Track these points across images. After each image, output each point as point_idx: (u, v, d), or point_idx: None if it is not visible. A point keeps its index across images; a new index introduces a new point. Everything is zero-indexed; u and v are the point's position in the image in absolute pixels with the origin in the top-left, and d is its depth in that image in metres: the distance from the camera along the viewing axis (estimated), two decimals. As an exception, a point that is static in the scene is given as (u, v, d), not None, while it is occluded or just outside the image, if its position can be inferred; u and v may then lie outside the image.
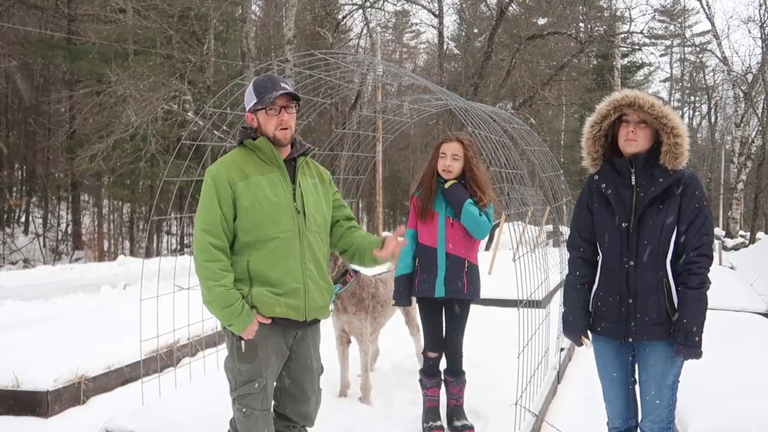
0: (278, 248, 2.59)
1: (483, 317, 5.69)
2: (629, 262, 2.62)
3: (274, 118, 2.62)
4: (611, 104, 2.63)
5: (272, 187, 2.61)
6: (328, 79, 5.26)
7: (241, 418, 2.61)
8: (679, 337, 2.52)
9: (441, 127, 20.84)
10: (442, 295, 3.54)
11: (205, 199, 2.57)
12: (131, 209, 22.33)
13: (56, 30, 20.87)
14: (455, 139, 3.57)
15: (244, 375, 2.59)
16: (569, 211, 8.32)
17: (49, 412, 4.37)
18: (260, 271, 2.57)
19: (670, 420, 2.68)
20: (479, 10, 25.82)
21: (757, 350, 4.83)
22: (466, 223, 3.49)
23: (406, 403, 4.14)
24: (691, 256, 2.54)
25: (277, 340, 2.64)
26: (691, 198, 2.55)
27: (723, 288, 8.32)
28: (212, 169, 2.62)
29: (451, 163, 3.54)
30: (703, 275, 2.54)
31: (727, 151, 27.81)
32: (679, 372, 2.67)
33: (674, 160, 2.55)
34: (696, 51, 30.05)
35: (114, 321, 6.09)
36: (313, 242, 2.71)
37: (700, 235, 2.54)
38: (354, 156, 7.64)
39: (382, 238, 2.82)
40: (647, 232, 2.58)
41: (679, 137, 2.53)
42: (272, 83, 2.62)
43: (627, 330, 2.63)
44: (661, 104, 2.56)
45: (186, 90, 16.20)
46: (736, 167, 20.79)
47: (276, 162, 2.66)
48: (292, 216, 2.64)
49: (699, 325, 2.52)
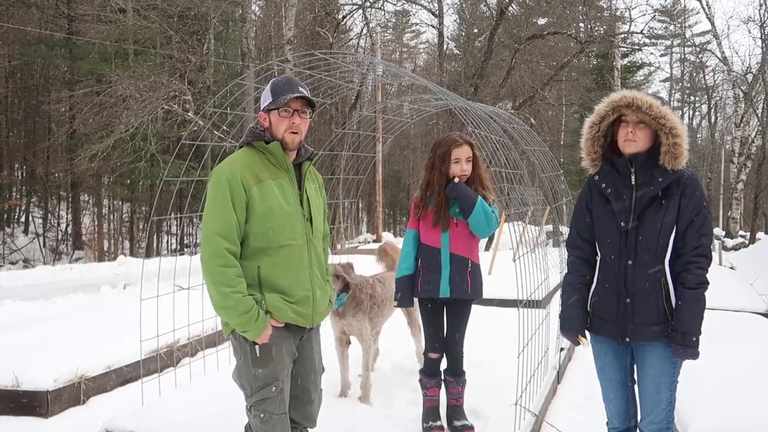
0: (290, 256, 2.58)
1: (483, 317, 5.69)
2: (628, 261, 2.62)
3: (286, 120, 2.60)
4: (610, 105, 2.63)
5: (283, 194, 2.59)
6: (328, 79, 5.26)
7: (259, 424, 2.58)
8: (677, 337, 2.52)
9: (441, 127, 20.82)
10: (447, 295, 3.54)
11: (218, 201, 2.50)
12: (131, 209, 22.34)
13: (56, 30, 20.89)
14: (465, 142, 3.55)
15: (261, 379, 2.56)
16: (569, 211, 8.32)
17: (49, 412, 4.37)
18: (271, 277, 2.56)
19: (670, 420, 2.68)
20: (479, 10, 25.82)
21: (757, 350, 4.83)
22: (478, 220, 3.45)
23: (406, 403, 4.14)
24: (690, 256, 2.53)
25: (288, 342, 2.63)
26: (691, 198, 2.55)
27: (723, 288, 8.32)
28: (225, 169, 2.54)
29: (467, 167, 3.54)
30: (702, 275, 2.53)
31: (727, 151, 27.83)
32: (678, 372, 2.66)
33: (674, 160, 2.55)
34: (696, 51, 30.05)
35: (114, 321, 6.09)
36: (318, 248, 2.73)
37: (699, 235, 2.53)
38: (354, 156, 7.64)
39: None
40: (646, 231, 2.59)
41: (678, 137, 2.53)
42: (289, 85, 2.61)
43: (624, 330, 2.64)
44: (660, 104, 2.56)
45: (186, 90, 16.20)
46: (736, 167, 20.79)
47: (286, 167, 2.64)
48: (302, 224, 2.64)
49: (696, 326, 2.51)
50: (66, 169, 19.61)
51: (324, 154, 7.46)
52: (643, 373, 2.68)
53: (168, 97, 15.80)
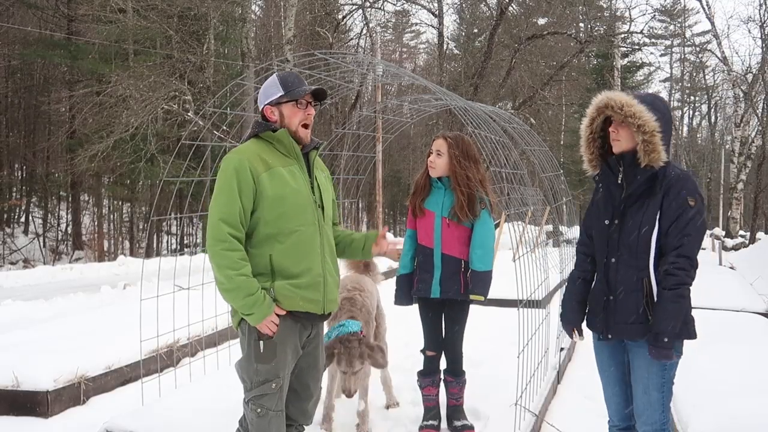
0: (301, 242, 2.59)
1: (483, 317, 5.69)
2: (612, 259, 2.66)
3: (301, 111, 2.63)
4: (593, 107, 2.71)
5: (294, 180, 2.60)
6: (328, 79, 5.26)
7: (255, 419, 2.59)
8: (650, 337, 2.54)
9: (441, 127, 20.84)
10: (437, 295, 3.55)
11: (224, 189, 2.51)
12: (131, 209, 22.32)
13: (56, 30, 20.89)
14: (441, 136, 3.61)
15: (261, 375, 2.57)
16: (569, 211, 8.33)
17: (49, 412, 4.36)
18: (284, 265, 2.56)
19: (664, 422, 2.65)
20: (479, 10, 25.84)
21: (757, 350, 4.82)
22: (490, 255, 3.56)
23: (406, 402, 4.14)
24: (670, 256, 2.52)
25: (294, 340, 2.63)
26: (675, 198, 2.53)
27: (723, 288, 8.32)
28: (233, 158, 2.55)
29: (434, 159, 3.56)
30: (680, 276, 2.49)
31: (727, 151, 27.79)
32: (670, 374, 2.64)
33: (647, 156, 2.56)
34: (696, 51, 30.03)
35: (114, 321, 6.09)
36: (329, 235, 2.75)
37: (682, 235, 2.50)
38: (354, 156, 7.64)
39: (364, 237, 2.95)
40: (627, 230, 2.62)
41: (647, 134, 2.54)
42: (298, 79, 2.66)
43: (607, 326, 2.68)
44: (636, 103, 2.57)
45: (186, 90, 16.20)
46: (736, 167, 20.79)
47: (295, 154, 2.65)
48: (314, 209, 2.65)
49: (670, 327, 2.49)
50: (66, 169, 19.61)
51: (324, 154, 7.47)
52: (633, 374, 2.70)
53: (168, 97, 15.80)
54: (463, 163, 3.53)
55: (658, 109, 2.58)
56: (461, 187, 3.50)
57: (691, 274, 2.51)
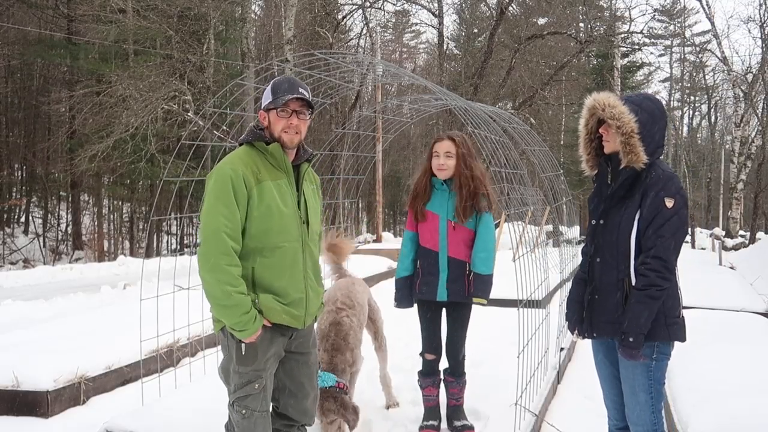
0: (284, 258, 2.60)
1: (483, 317, 5.68)
2: (596, 258, 2.70)
3: (284, 120, 2.62)
4: (585, 109, 2.76)
5: (281, 196, 2.61)
6: (328, 79, 5.26)
7: (240, 420, 2.60)
8: (618, 336, 2.58)
9: (441, 127, 20.84)
10: (444, 298, 3.55)
11: (223, 199, 2.50)
12: (131, 209, 22.32)
13: (56, 30, 20.88)
14: (447, 137, 3.59)
15: (244, 377, 2.58)
16: (569, 211, 8.33)
17: (49, 412, 4.36)
18: (265, 278, 2.58)
19: (655, 423, 2.65)
20: (479, 10, 25.84)
21: (757, 350, 4.82)
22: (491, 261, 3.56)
23: (407, 403, 4.14)
24: (644, 256, 2.52)
25: (275, 342, 2.64)
26: (654, 198, 2.53)
27: (723, 288, 8.32)
28: (227, 168, 2.54)
29: (445, 161, 3.54)
30: (651, 278, 2.48)
31: (727, 151, 27.80)
32: (654, 375, 2.61)
33: (626, 157, 2.57)
34: (696, 51, 30.02)
35: (114, 321, 6.08)
36: (313, 251, 2.75)
37: (656, 236, 2.50)
38: (354, 156, 7.64)
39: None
40: (608, 229, 2.66)
41: (625, 135, 2.56)
42: (289, 85, 2.63)
43: (591, 325, 2.71)
44: (621, 104, 2.60)
45: (186, 90, 16.20)
46: (736, 167, 20.78)
47: (285, 168, 2.66)
48: (298, 226, 2.66)
49: (635, 327, 2.49)
50: (66, 169, 19.61)
51: (324, 154, 7.46)
52: (621, 374, 2.72)
53: (168, 97, 15.80)
54: (469, 162, 3.55)
55: (645, 110, 2.59)
56: (466, 186, 3.51)
57: (664, 275, 2.49)
